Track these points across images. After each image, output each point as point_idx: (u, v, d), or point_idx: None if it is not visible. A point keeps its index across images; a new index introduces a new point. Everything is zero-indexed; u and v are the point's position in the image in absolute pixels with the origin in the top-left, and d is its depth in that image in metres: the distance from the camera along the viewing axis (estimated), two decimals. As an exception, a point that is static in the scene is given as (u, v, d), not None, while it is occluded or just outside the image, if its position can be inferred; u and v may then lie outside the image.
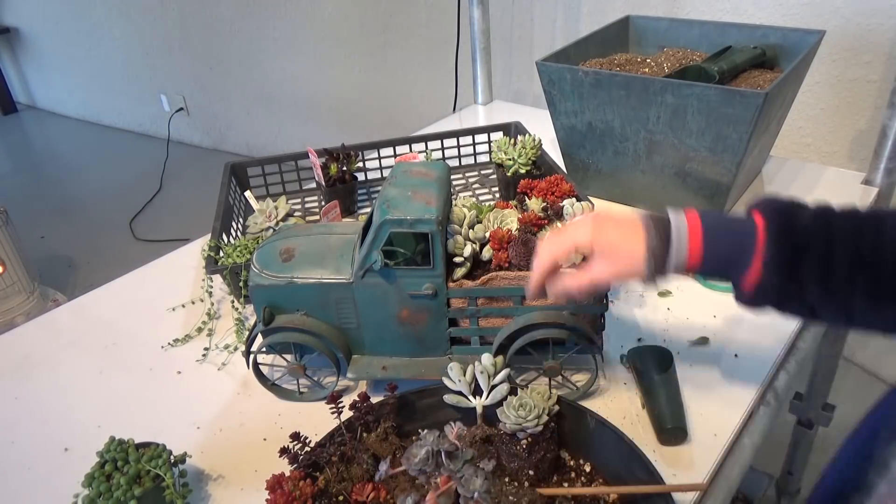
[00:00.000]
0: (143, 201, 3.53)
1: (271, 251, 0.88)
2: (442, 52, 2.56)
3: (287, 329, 0.86)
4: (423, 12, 2.74)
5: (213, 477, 0.82)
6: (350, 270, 0.84)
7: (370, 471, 0.73)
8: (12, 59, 4.82)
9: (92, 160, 4.16)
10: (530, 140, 1.27)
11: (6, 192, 3.71)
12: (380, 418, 0.78)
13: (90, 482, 0.73)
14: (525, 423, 0.73)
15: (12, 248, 2.38)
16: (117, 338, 1.07)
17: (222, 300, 1.12)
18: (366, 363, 0.89)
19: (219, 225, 1.14)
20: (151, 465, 0.74)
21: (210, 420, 0.90)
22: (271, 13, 3.24)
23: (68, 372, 1.01)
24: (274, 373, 0.95)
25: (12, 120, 4.84)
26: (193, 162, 3.93)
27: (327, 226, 0.99)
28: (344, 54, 3.11)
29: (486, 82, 1.87)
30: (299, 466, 0.71)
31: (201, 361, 1.00)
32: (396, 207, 0.79)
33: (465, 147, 1.44)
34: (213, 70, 3.70)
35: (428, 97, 2.93)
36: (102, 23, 4.04)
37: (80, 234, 3.27)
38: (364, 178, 1.41)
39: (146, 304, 1.14)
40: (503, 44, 2.48)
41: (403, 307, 0.84)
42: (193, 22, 3.60)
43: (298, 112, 3.49)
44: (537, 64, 1.21)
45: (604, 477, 0.75)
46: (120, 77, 4.22)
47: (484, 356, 0.81)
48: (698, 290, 1.07)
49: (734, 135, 1.08)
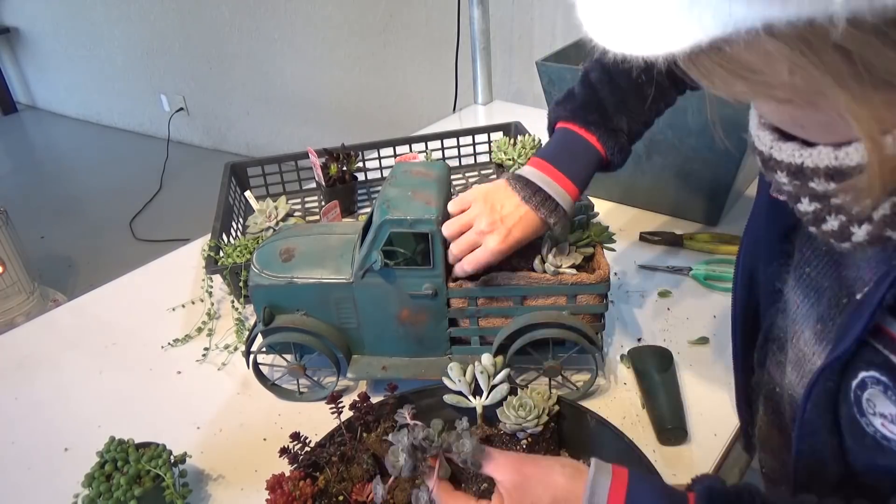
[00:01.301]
0: (143, 201, 3.53)
1: (271, 251, 0.88)
2: (442, 52, 2.56)
3: (287, 329, 0.86)
4: (423, 12, 2.74)
5: (213, 477, 0.82)
6: (350, 270, 0.83)
7: (370, 471, 0.73)
8: (12, 59, 4.82)
9: (92, 160, 4.15)
10: (530, 140, 1.27)
11: (6, 192, 3.71)
12: (380, 418, 0.78)
13: (90, 482, 0.73)
14: (525, 423, 0.73)
15: (12, 248, 2.38)
16: (117, 338, 1.07)
17: (222, 300, 1.12)
18: (366, 363, 0.89)
19: (219, 225, 1.14)
20: (151, 465, 0.74)
21: (210, 420, 0.90)
22: (271, 13, 3.24)
23: (68, 372, 1.01)
24: (274, 373, 0.95)
25: (12, 120, 4.84)
26: (193, 162, 3.93)
27: (327, 226, 0.99)
28: (344, 54, 3.11)
29: (486, 82, 1.87)
30: (299, 466, 0.71)
31: (201, 361, 1.00)
32: (396, 207, 0.79)
33: (465, 147, 1.44)
34: (213, 70, 3.70)
35: (428, 97, 2.93)
36: (102, 23, 4.03)
37: (80, 234, 3.27)
38: (364, 178, 1.41)
39: (146, 304, 1.14)
40: (503, 44, 2.48)
41: (403, 307, 0.84)
42: (193, 22, 3.59)
43: (298, 112, 3.49)
44: (537, 64, 1.21)
45: (604, 477, 0.75)
46: (120, 77, 4.22)
47: (484, 356, 0.81)
48: (698, 290, 1.07)
49: (734, 135, 1.08)
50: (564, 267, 0.82)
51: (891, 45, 0.35)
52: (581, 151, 0.80)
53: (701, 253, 1.14)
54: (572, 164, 0.80)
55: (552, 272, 0.81)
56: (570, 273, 0.81)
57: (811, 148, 0.45)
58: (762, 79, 0.39)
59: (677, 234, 1.18)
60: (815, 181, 0.46)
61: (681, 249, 1.16)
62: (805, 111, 0.42)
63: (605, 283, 0.81)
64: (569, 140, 0.81)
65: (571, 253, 0.83)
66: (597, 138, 0.80)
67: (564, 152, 0.81)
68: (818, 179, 0.45)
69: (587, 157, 0.80)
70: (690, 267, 1.10)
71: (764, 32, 0.35)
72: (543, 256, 0.83)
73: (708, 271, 1.08)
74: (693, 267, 1.10)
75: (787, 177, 0.48)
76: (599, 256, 0.85)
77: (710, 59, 0.39)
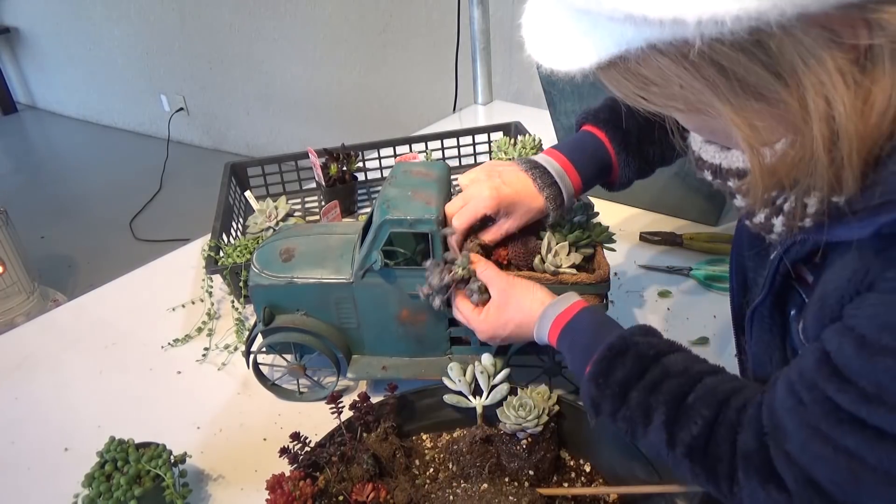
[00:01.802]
0: (143, 201, 3.53)
1: (271, 251, 0.88)
2: (442, 52, 2.56)
3: (287, 329, 0.86)
4: (423, 12, 2.74)
5: (213, 477, 0.82)
6: (350, 270, 0.83)
7: (370, 471, 0.73)
8: (12, 59, 4.82)
9: (92, 160, 4.15)
10: (530, 140, 1.27)
11: (6, 192, 3.71)
12: (380, 418, 0.78)
13: (90, 482, 0.73)
14: (525, 423, 0.73)
15: (12, 248, 2.37)
16: (117, 338, 1.07)
17: (222, 300, 1.12)
18: (366, 363, 0.89)
19: (219, 225, 1.14)
20: (151, 465, 0.74)
21: (210, 420, 0.90)
22: (271, 13, 3.24)
23: (68, 372, 1.01)
24: (274, 373, 0.95)
25: (12, 120, 4.84)
26: (193, 162, 3.92)
27: (327, 226, 0.99)
28: (344, 54, 3.11)
29: (486, 82, 1.87)
30: (299, 466, 0.71)
31: (201, 361, 1.00)
32: (396, 207, 0.79)
33: (465, 147, 1.44)
34: (213, 70, 3.70)
35: (428, 97, 2.92)
36: (102, 23, 4.03)
37: (80, 234, 3.27)
38: (364, 178, 1.41)
39: (146, 304, 1.14)
40: (503, 44, 2.48)
41: (403, 307, 0.84)
42: (193, 22, 3.59)
43: (298, 112, 3.49)
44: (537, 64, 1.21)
45: (604, 477, 0.75)
46: (120, 77, 4.22)
47: (484, 356, 0.81)
48: (698, 290, 1.07)
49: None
50: (564, 267, 0.82)
51: (756, 62, 0.41)
52: (590, 146, 0.83)
53: (701, 253, 1.14)
54: (575, 152, 0.83)
55: (552, 272, 0.81)
56: (570, 273, 0.81)
57: (727, 151, 0.54)
58: (661, 91, 0.47)
59: (677, 234, 1.18)
60: (731, 181, 0.54)
61: (681, 249, 1.16)
62: (706, 120, 0.49)
63: (605, 283, 0.81)
64: (582, 136, 0.84)
65: (571, 253, 0.83)
66: (608, 139, 0.82)
67: (574, 143, 0.84)
68: (732, 179, 0.53)
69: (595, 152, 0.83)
70: (690, 267, 1.10)
71: (650, 50, 0.43)
72: (543, 256, 0.82)
73: (708, 271, 1.08)
74: (693, 267, 1.10)
75: (710, 175, 0.56)
76: (599, 256, 0.85)
77: (617, 72, 0.47)
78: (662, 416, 0.56)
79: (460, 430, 0.81)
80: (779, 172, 0.46)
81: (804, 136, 0.43)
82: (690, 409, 0.55)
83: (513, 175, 0.81)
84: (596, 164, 0.83)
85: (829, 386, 0.45)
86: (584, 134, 0.84)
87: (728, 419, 0.54)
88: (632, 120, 0.81)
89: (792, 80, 0.42)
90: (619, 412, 0.60)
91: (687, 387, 0.57)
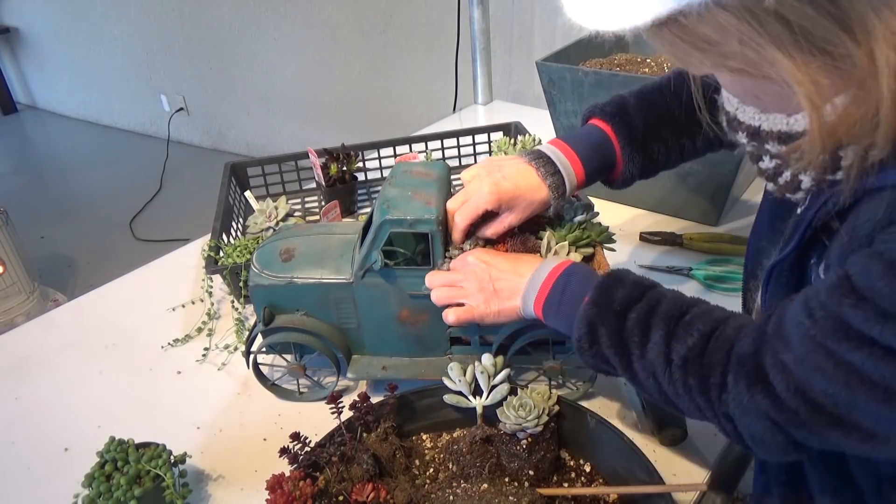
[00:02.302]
0: (143, 201, 3.53)
1: (271, 251, 0.88)
2: (442, 52, 2.56)
3: (287, 329, 0.86)
4: (423, 12, 2.74)
5: (213, 477, 0.82)
6: (350, 270, 0.83)
7: (370, 471, 0.73)
8: (12, 59, 4.82)
9: (92, 160, 4.15)
10: (530, 140, 1.27)
11: (6, 192, 3.71)
12: (380, 418, 0.78)
13: (90, 482, 0.73)
14: (525, 423, 0.73)
15: (12, 248, 2.38)
16: (117, 338, 1.07)
17: (222, 300, 1.12)
18: (366, 363, 0.89)
19: (219, 225, 1.14)
20: (151, 465, 0.74)
21: (210, 420, 0.90)
22: (271, 13, 3.24)
23: (68, 372, 1.01)
24: (274, 373, 0.95)
25: (12, 120, 4.84)
26: (193, 162, 3.92)
27: (327, 226, 0.99)
28: (344, 54, 3.11)
29: (486, 82, 1.87)
30: (299, 466, 0.71)
31: (201, 361, 1.00)
32: (396, 207, 0.79)
33: (465, 147, 1.44)
34: (213, 70, 3.70)
35: (428, 97, 2.92)
36: (102, 23, 4.03)
37: (80, 234, 3.27)
38: (364, 178, 1.41)
39: (146, 304, 1.14)
40: (503, 44, 2.48)
41: (403, 307, 0.84)
42: (193, 22, 3.59)
43: (298, 112, 3.49)
44: (537, 64, 1.21)
45: (604, 477, 0.75)
46: (120, 77, 4.22)
47: (484, 356, 0.81)
48: (698, 290, 1.07)
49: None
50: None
51: (824, 13, 0.40)
52: (596, 139, 0.83)
53: (701, 253, 1.14)
54: (580, 144, 0.83)
55: (552, 272, 0.81)
56: None
57: (768, 114, 0.53)
58: (717, 49, 0.45)
59: (677, 234, 1.18)
60: (770, 143, 0.53)
61: (681, 249, 1.16)
62: (758, 81, 0.47)
63: (605, 283, 0.81)
64: (588, 129, 0.84)
65: (571, 253, 0.83)
66: (615, 133, 0.82)
67: (579, 135, 0.84)
68: (772, 142, 0.53)
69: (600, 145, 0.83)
70: (690, 267, 1.10)
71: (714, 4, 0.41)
72: (543, 255, 0.82)
73: (708, 271, 1.08)
74: (693, 267, 1.10)
75: (746, 137, 0.55)
76: (599, 256, 0.85)
77: (670, 32, 0.45)
78: (661, 331, 0.58)
79: (460, 430, 0.81)
80: (838, 132, 0.45)
81: (869, 92, 0.42)
82: (689, 324, 0.58)
83: (514, 169, 0.80)
84: (600, 157, 0.82)
85: (845, 302, 0.45)
86: (590, 127, 0.84)
87: (725, 334, 0.56)
88: (639, 116, 0.81)
89: (861, 32, 0.40)
90: (616, 335, 0.61)
91: (685, 307, 0.60)
